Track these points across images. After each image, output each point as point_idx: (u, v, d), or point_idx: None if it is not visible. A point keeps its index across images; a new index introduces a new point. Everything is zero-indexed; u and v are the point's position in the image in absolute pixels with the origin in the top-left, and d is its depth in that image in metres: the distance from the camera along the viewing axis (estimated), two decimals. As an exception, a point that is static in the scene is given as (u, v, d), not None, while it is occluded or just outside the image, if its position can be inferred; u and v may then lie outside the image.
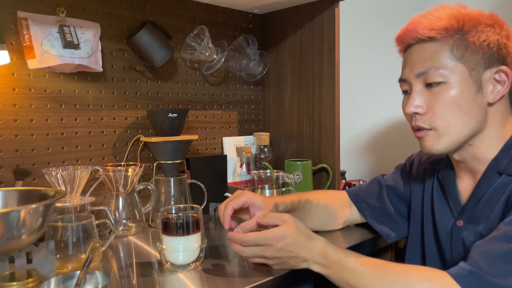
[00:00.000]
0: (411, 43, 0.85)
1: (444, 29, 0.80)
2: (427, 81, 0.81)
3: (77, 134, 1.19)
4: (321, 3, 1.41)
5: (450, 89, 0.80)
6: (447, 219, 0.90)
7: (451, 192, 0.90)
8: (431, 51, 0.81)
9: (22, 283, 0.73)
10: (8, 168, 1.07)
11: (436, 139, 0.82)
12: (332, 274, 0.79)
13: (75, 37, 1.11)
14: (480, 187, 0.84)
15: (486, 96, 0.81)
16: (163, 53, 1.27)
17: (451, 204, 0.90)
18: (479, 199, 0.83)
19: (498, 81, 0.80)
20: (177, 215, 0.89)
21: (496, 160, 0.82)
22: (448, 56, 0.80)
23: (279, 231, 0.82)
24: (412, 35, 0.84)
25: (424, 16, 0.83)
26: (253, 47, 1.47)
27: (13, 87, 1.08)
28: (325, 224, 1.09)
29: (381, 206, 1.06)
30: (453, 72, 0.79)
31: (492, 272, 0.67)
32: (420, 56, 0.82)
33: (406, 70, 0.85)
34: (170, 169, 1.23)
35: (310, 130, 1.49)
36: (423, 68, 0.81)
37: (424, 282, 0.70)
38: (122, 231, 1.14)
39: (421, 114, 0.82)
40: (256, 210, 0.94)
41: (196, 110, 1.46)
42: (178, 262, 0.88)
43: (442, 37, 0.80)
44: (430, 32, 0.81)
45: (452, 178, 0.91)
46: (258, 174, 1.29)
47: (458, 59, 0.79)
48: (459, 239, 0.86)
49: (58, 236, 0.91)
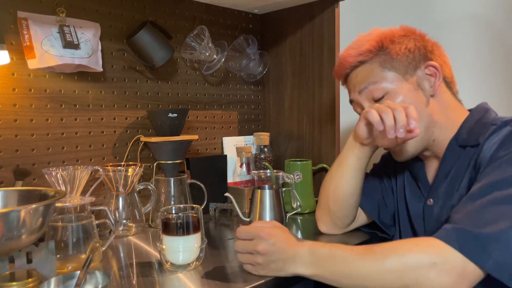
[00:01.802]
0: (347, 72, 0.98)
1: (368, 51, 0.93)
2: (372, 95, 0.93)
3: (77, 134, 1.19)
4: (321, 3, 1.41)
5: (394, 97, 0.91)
6: (418, 201, 0.98)
7: (419, 176, 0.99)
8: (365, 72, 0.94)
9: (22, 283, 0.73)
10: (8, 168, 1.07)
11: (402, 145, 0.92)
12: (323, 271, 0.78)
13: (75, 37, 1.11)
14: (445, 164, 0.92)
15: (427, 91, 0.92)
16: (163, 53, 1.27)
17: (421, 187, 0.98)
18: (446, 174, 0.91)
19: (430, 74, 0.92)
20: (177, 215, 0.89)
21: (455, 137, 0.91)
22: (380, 70, 0.92)
23: (273, 227, 0.85)
24: (345, 66, 0.98)
25: (350, 48, 0.98)
26: (253, 47, 1.47)
27: (13, 87, 1.08)
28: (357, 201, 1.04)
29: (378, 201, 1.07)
30: (390, 82, 0.92)
31: (473, 224, 0.71)
32: (358, 78, 0.95)
33: (352, 93, 0.98)
34: (170, 169, 1.23)
35: (310, 130, 1.49)
36: (362, 84, 0.94)
37: (413, 248, 0.73)
38: (122, 231, 1.14)
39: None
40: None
41: (196, 110, 1.46)
42: (178, 262, 0.88)
43: (369, 58, 0.94)
44: (358, 58, 0.95)
45: (420, 164, 0.99)
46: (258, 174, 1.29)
47: (390, 69, 0.92)
48: (432, 217, 0.93)
49: (58, 236, 0.91)
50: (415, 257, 0.71)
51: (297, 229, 1.18)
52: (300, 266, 0.80)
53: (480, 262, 0.68)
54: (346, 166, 0.99)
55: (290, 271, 0.81)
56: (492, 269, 0.68)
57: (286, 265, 0.81)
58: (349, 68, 0.97)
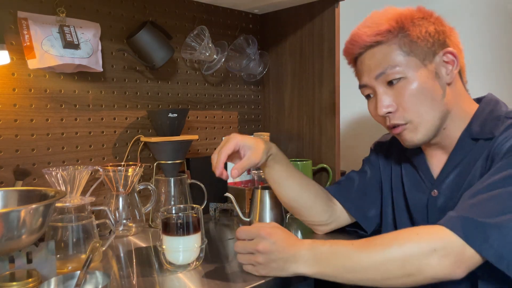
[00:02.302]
0: (360, 52, 0.91)
1: (388, 31, 0.87)
2: (387, 79, 0.87)
3: (77, 134, 1.19)
4: (321, 3, 1.41)
5: (411, 82, 0.86)
6: (420, 193, 0.95)
7: (421, 167, 0.96)
8: (382, 53, 0.88)
9: (22, 283, 0.73)
10: (8, 168, 1.07)
11: (414, 130, 0.88)
12: (325, 268, 0.78)
13: (75, 37, 1.11)
14: (455, 157, 0.90)
15: (444, 78, 0.88)
16: (163, 53, 1.27)
17: (423, 178, 0.96)
18: (455, 166, 0.89)
19: (448, 62, 0.88)
20: (177, 215, 0.89)
21: (467, 129, 0.89)
22: (399, 53, 0.86)
23: (273, 227, 0.85)
24: (360, 45, 0.91)
25: (364, 26, 0.91)
26: (253, 47, 1.47)
27: (13, 87, 1.08)
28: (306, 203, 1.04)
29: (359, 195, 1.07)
30: (408, 66, 0.86)
31: (479, 213, 0.72)
32: (374, 60, 0.89)
33: (364, 76, 0.91)
34: (170, 169, 1.23)
35: (310, 130, 1.49)
36: (380, 69, 0.88)
37: (413, 237, 0.74)
38: (122, 231, 1.14)
39: (393, 112, 0.88)
40: (247, 151, 0.96)
41: (196, 110, 1.46)
42: (178, 262, 0.88)
43: (388, 39, 0.87)
44: (376, 38, 0.88)
45: (421, 155, 0.97)
46: (258, 174, 1.29)
47: (408, 53, 0.86)
48: (435, 208, 0.91)
49: (58, 236, 0.91)
50: (416, 245, 0.72)
51: (297, 229, 1.18)
52: (302, 265, 0.80)
53: (480, 249, 0.69)
54: (269, 181, 1.05)
55: (291, 270, 0.81)
56: (492, 258, 0.69)
57: (287, 264, 0.81)
58: (364, 47, 0.90)
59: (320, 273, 0.79)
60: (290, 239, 0.83)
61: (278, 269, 0.82)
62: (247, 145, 0.96)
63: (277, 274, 0.82)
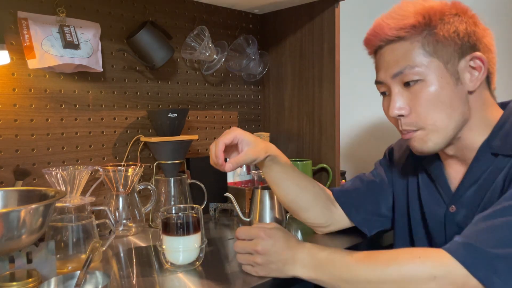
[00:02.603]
0: (381, 45, 0.84)
1: (412, 27, 0.79)
2: (404, 80, 0.80)
3: (77, 134, 1.19)
4: (321, 3, 1.41)
5: (429, 86, 0.79)
6: (438, 206, 0.89)
7: (439, 179, 0.90)
8: (403, 50, 0.80)
9: (22, 283, 0.73)
10: (8, 168, 1.07)
11: (424, 137, 0.82)
12: (322, 275, 0.77)
13: (75, 37, 1.11)
14: (473, 171, 0.83)
15: (466, 85, 0.80)
16: (163, 53, 1.27)
17: (441, 191, 0.89)
18: (474, 182, 0.83)
19: (474, 67, 0.80)
20: (177, 215, 0.89)
21: (487, 142, 0.81)
22: (421, 53, 0.79)
23: (273, 228, 0.85)
24: (381, 37, 0.82)
25: (389, 17, 0.82)
26: (253, 47, 1.47)
27: (13, 87, 1.08)
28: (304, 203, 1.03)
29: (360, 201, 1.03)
30: (428, 68, 0.79)
31: (486, 242, 0.68)
32: (393, 57, 0.81)
33: (381, 72, 0.84)
34: (170, 169, 1.23)
35: (310, 130, 1.49)
36: (397, 68, 0.80)
37: (415, 260, 0.71)
38: (122, 231, 1.14)
39: (405, 116, 0.82)
40: (245, 146, 0.94)
41: (196, 110, 1.46)
42: (178, 262, 0.88)
43: (411, 35, 0.79)
44: (399, 32, 0.80)
45: (439, 165, 0.90)
46: (258, 174, 1.29)
47: (431, 54, 0.79)
48: (453, 224, 0.86)
49: (58, 236, 0.91)
50: (416, 269, 0.70)
51: (297, 229, 1.18)
52: (299, 268, 0.80)
53: (486, 281, 0.66)
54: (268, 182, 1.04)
55: (289, 273, 0.80)
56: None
57: (285, 266, 0.81)
58: (384, 41, 0.82)
59: (315, 279, 0.78)
60: (289, 241, 0.83)
61: (277, 270, 0.81)
62: (246, 140, 0.94)
63: (276, 276, 0.82)
